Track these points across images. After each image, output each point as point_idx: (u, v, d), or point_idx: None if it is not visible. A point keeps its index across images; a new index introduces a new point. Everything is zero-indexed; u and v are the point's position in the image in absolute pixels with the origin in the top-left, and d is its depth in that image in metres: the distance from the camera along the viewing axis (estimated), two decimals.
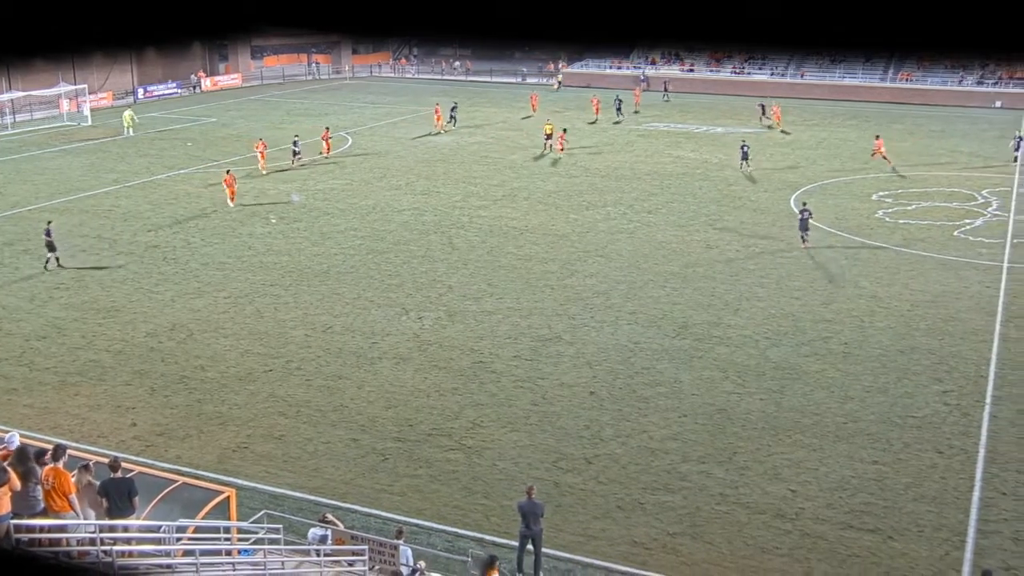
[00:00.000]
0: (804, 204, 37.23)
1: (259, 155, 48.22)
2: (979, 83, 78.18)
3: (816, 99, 77.59)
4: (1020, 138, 49.36)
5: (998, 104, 74.64)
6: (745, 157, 48.58)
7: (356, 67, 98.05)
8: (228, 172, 43.09)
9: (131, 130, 59.27)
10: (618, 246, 35.89)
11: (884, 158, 48.48)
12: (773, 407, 22.95)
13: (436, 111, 62.17)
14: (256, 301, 29.98)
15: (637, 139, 57.82)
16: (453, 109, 63.48)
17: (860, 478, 19.87)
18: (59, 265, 32.73)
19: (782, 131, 61.42)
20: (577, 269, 33.16)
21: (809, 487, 19.53)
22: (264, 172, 47.67)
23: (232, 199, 41.57)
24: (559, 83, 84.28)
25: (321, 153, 52.73)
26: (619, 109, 67.12)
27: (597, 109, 66.42)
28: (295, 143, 50.50)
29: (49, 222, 33.49)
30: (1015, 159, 48.02)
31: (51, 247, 32.83)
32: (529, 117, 65.56)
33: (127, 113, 60.52)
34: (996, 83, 77.52)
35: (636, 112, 68.74)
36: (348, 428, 21.99)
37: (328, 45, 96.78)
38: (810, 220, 35.81)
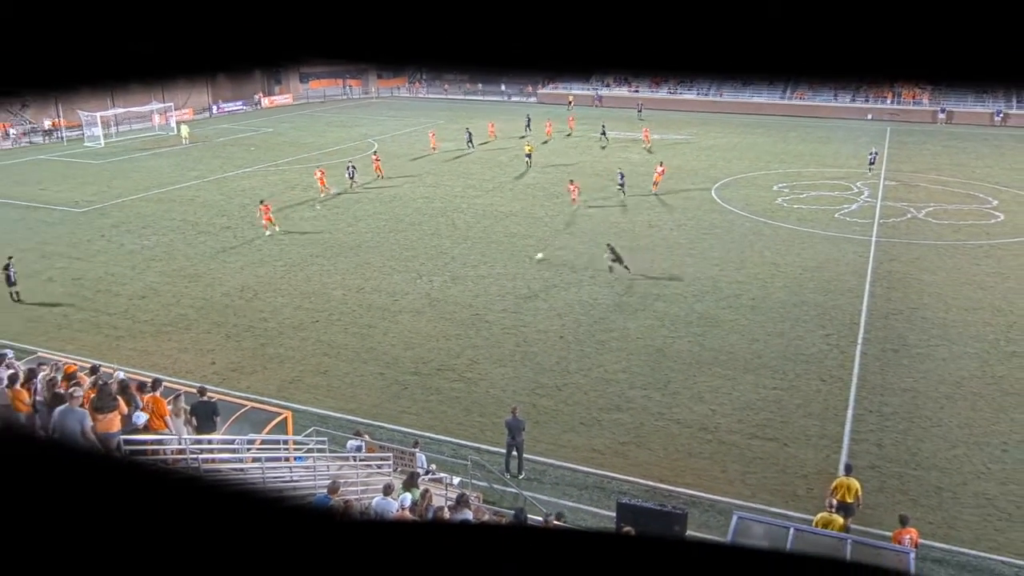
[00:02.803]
0: (608, 245, 29.67)
1: (319, 181, 41.08)
2: (853, 100, 77.94)
3: (731, 113, 77.35)
4: (875, 153, 49.09)
5: (869, 117, 74.59)
6: (622, 185, 41.00)
7: (380, 89, 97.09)
8: (262, 203, 35.20)
9: (188, 140, 57.88)
10: (581, 225, 35.86)
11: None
12: (698, 347, 23.08)
13: (432, 136, 56.45)
14: (305, 269, 29.91)
15: (594, 145, 57.51)
16: (469, 138, 55.74)
17: (763, 400, 20.06)
18: (18, 300, 26.59)
19: (647, 149, 55.75)
20: (550, 243, 33.13)
21: (725, 407, 19.72)
22: (323, 196, 40.88)
23: (266, 227, 34.17)
24: (571, 102, 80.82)
25: (377, 176, 45.06)
26: (528, 126, 62.21)
27: (543, 126, 62.13)
28: (349, 168, 43.32)
29: (10, 258, 27.07)
30: (870, 170, 47.45)
31: (9, 281, 26.47)
32: (486, 143, 57.66)
33: (184, 128, 59.70)
34: (867, 100, 77.30)
35: (569, 134, 62.19)
36: (377, 365, 22.05)
37: (359, 71, 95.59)
38: (613, 263, 28.64)
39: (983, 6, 0.60)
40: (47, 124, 62.41)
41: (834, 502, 14.12)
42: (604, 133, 59.30)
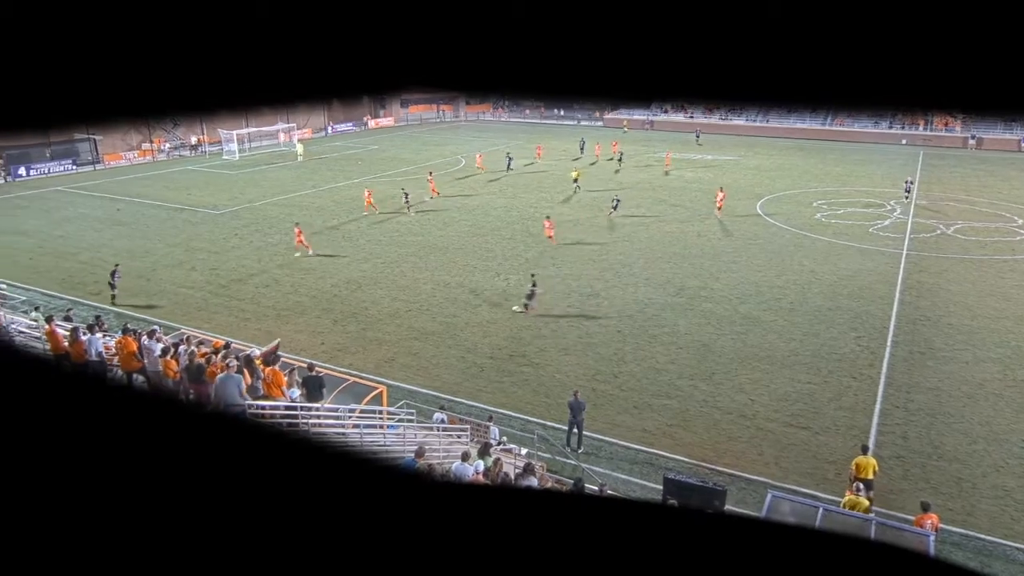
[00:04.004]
0: (532, 275, 27.03)
1: (366, 200, 39.27)
2: (890, 127, 74.94)
3: (776, 137, 75.35)
4: (910, 182, 45.74)
5: (904, 142, 71.63)
6: (615, 207, 38.86)
7: (468, 113, 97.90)
8: (296, 224, 33.15)
9: (301, 156, 58.63)
10: (638, 234, 35.46)
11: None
12: (740, 344, 22.58)
13: (479, 157, 54.33)
14: (401, 265, 30.38)
15: (653, 163, 56.74)
16: (509, 160, 53.18)
17: (798, 393, 19.50)
18: (113, 301, 25.75)
19: (665, 172, 52.71)
20: (611, 249, 32.88)
21: (763, 398, 19.24)
22: (367, 213, 38.82)
23: (298, 247, 31.58)
24: (626, 128, 79.71)
25: (431, 196, 42.41)
26: (582, 148, 60.65)
27: (595, 149, 60.16)
28: (405, 194, 39.94)
29: (117, 264, 26.91)
30: (905, 198, 44.11)
31: (112, 285, 25.87)
32: (530, 164, 55.73)
33: (299, 145, 60.80)
34: (902, 127, 74.17)
35: (611, 158, 57.77)
36: (459, 350, 22.25)
37: (450, 98, 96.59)
38: (535, 290, 25.29)
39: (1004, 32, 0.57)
40: (193, 140, 65.01)
41: (861, 485, 13.70)
42: (621, 159, 55.76)
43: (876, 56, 0.60)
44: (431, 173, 46.18)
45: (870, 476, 14.31)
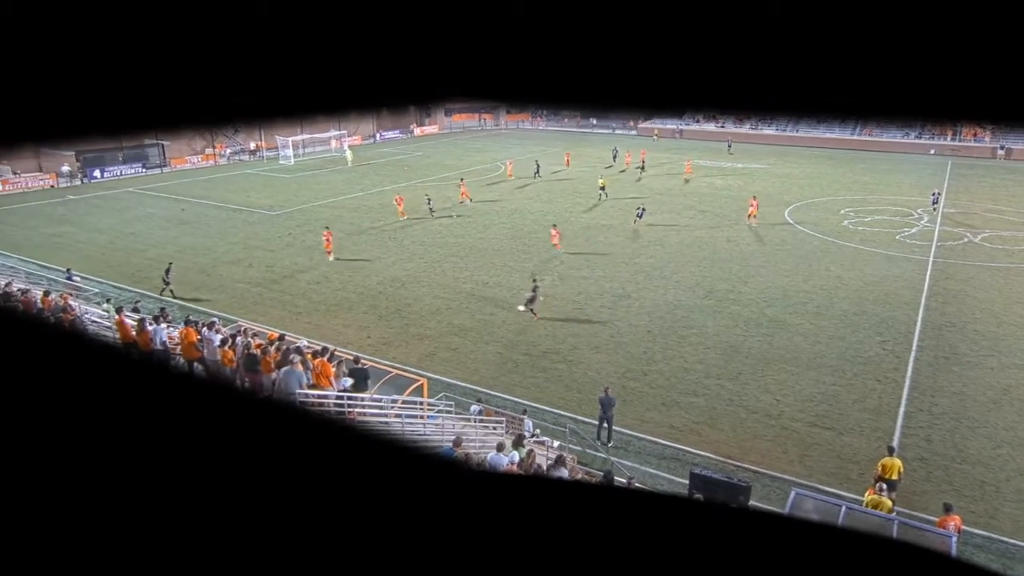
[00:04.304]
0: (534, 280, 26.08)
1: (397, 206, 38.91)
2: (918, 136, 72.92)
3: (806, 146, 73.84)
4: (937, 193, 43.89)
5: (932, 152, 69.64)
6: (640, 216, 37.39)
7: (508, 121, 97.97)
8: (327, 228, 32.42)
9: (350, 162, 58.80)
10: (668, 239, 35.11)
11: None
12: (767, 346, 22.22)
13: (509, 164, 53.78)
14: (443, 265, 30.55)
15: (683, 171, 56.05)
16: (537, 167, 52.47)
17: (823, 394, 19.12)
18: (173, 296, 26.11)
19: (685, 180, 51.44)
20: (642, 253, 32.62)
21: (788, 398, 18.91)
22: (403, 218, 38.21)
23: (329, 253, 31.02)
24: (656, 136, 78.95)
25: (461, 201, 42.18)
26: (615, 157, 59.44)
27: (625, 157, 58.91)
28: (428, 200, 39.91)
29: (170, 263, 27.17)
30: (933, 209, 42.07)
31: (165, 281, 26.25)
32: (559, 171, 54.53)
33: (349, 151, 61.24)
34: (931, 137, 72.08)
35: (638, 166, 55.58)
36: (495, 346, 22.30)
37: (491, 107, 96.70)
38: (535, 295, 24.49)
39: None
40: (252, 145, 66.27)
41: (883, 485, 13.38)
42: (643, 167, 54.64)
43: (882, 62, 0.57)
44: (462, 179, 46.21)
45: (895, 477, 13.99)
